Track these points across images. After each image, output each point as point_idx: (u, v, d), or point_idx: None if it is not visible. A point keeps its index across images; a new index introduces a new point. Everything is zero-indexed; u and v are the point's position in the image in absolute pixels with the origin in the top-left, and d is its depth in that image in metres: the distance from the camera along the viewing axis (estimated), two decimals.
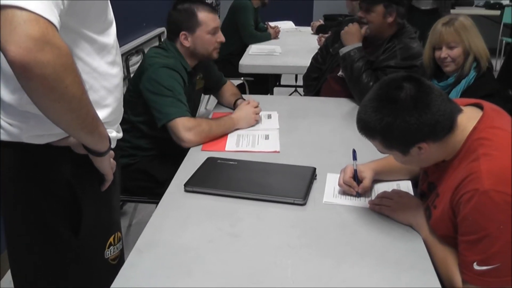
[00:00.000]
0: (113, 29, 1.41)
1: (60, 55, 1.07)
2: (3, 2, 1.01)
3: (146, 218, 1.69)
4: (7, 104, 1.31)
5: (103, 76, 1.37)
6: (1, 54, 1.06)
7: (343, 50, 2.80)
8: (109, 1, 1.37)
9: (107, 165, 1.41)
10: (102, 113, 1.36)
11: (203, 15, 2.46)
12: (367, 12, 2.77)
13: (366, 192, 1.81)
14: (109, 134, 1.38)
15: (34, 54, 1.02)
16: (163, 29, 5.07)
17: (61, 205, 1.40)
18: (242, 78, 4.56)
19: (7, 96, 1.30)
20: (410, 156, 1.48)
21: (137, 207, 3.33)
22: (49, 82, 1.07)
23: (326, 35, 3.91)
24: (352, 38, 2.80)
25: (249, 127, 2.47)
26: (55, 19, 1.07)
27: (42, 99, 1.11)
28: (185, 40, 2.46)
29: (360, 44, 2.77)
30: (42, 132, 1.32)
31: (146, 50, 4.37)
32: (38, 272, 1.47)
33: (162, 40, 4.93)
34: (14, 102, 1.29)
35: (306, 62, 3.33)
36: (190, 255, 1.47)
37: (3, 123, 1.35)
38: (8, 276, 2.72)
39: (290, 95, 5.40)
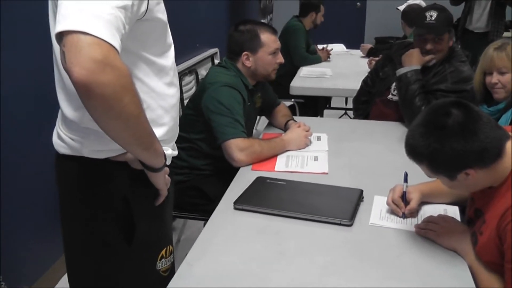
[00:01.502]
0: (172, 52, 1.47)
1: (120, 76, 1.13)
2: (70, 28, 1.08)
3: (194, 234, 1.74)
4: (70, 121, 1.40)
5: (160, 96, 1.43)
6: (66, 75, 1.13)
7: (401, 71, 2.78)
8: (168, 26, 1.43)
9: (162, 181, 1.46)
10: (158, 131, 1.42)
11: (266, 37, 2.52)
12: (438, 42, 2.73)
13: (412, 214, 1.81)
14: (165, 152, 1.44)
15: (96, 75, 1.08)
16: (216, 49, 5.13)
17: (117, 217, 1.46)
18: (292, 100, 4.58)
19: (70, 113, 1.39)
20: (457, 181, 1.48)
21: (186, 224, 3.38)
22: (109, 101, 1.12)
23: (377, 58, 3.92)
24: (411, 60, 2.77)
25: (298, 149, 2.48)
26: (116, 43, 1.13)
27: (101, 116, 1.17)
28: (246, 60, 2.52)
29: (418, 67, 2.74)
30: (102, 147, 1.39)
31: (199, 71, 4.46)
32: (93, 280, 1.54)
33: (215, 61, 5.01)
34: (77, 119, 1.37)
35: (356, 85, 3.32)
36: (237, 270, 1.51)
37: (66, 138, 1.43)
38: (65, 279, 2.80)
39: (339, 117, 5.39)
